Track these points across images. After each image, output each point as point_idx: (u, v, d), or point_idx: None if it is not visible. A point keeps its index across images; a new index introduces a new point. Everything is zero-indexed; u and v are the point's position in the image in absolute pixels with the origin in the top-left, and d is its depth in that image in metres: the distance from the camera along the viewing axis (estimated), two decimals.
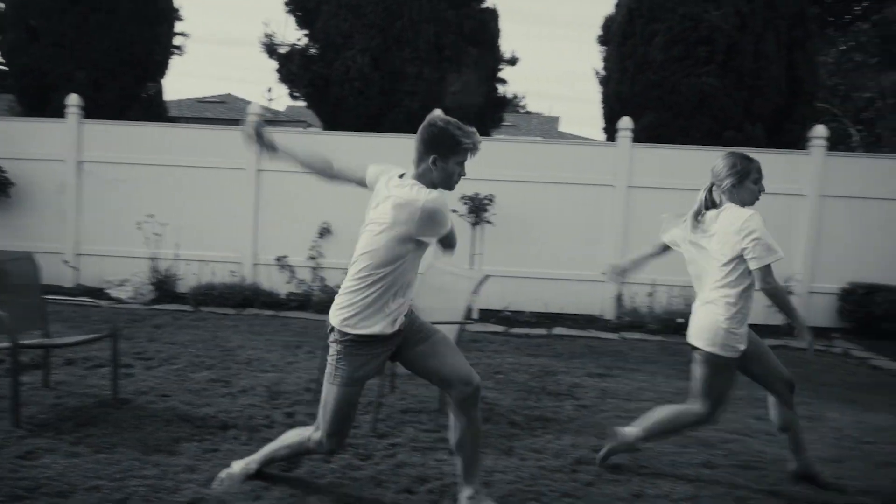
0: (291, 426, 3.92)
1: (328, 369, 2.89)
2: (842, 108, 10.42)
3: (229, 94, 20.65)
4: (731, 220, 3.26)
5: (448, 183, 2.86)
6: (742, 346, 3.26)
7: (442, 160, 2.79)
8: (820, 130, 7.81)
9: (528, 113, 41.17)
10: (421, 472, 3.42)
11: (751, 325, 3.38)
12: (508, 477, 3.43)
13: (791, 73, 8.28)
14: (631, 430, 3.50)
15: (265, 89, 48.21)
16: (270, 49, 9.01)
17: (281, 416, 4.14)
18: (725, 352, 3.23)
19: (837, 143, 10.71)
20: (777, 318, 7.67)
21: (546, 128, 26.91)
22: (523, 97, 48.08)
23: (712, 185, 3.41)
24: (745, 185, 3.33)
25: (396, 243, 2.74)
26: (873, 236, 7.93)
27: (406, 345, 2.96)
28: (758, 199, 3.42)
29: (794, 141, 8.39)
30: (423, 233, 2.73)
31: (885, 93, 9.54)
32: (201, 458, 3.43)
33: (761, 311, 7.96)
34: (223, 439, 3.73)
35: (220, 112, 18.14)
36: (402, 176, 2.88)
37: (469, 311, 4.31)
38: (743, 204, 3.34)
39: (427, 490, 3.22)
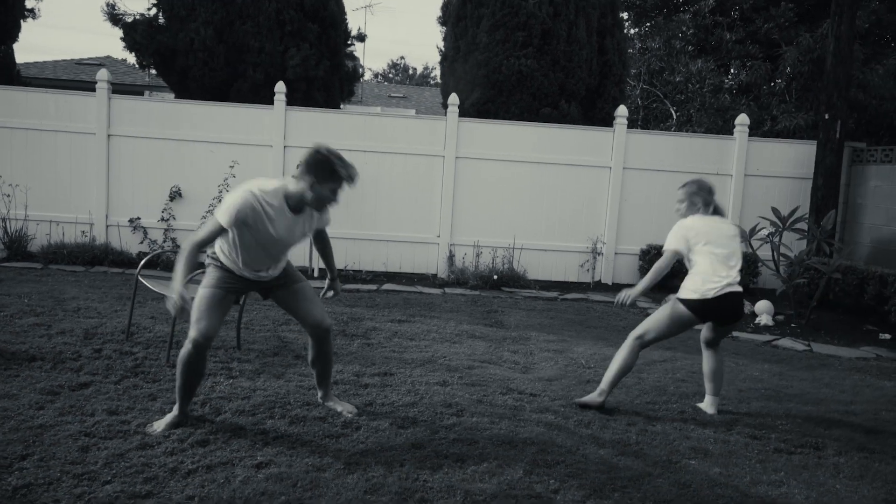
0: (98, 360, 4.60)
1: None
2: (664, 91, 11.64)
3: (108, 56, 20.27)
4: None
5: (319, 204, 3.45)
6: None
7: (318, 185, 3.36)
8: (622, 110, 8.90)
9: (436, 86, 41.95)
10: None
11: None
12: (268, 393, 4.21)
13: (602, 57, 9.33)
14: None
15: None
16: (114, 18, 9.29)
17: (89, 352, 4.76)
18: None
19: (660, 123, 11.99)
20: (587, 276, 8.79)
21: (437, 100, 27.60)
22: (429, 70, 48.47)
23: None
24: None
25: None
26: (665, 203, 9.14)
27: (272, 290, 3.78)
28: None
29: (606, 118, 9.47)
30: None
31: (693, 77, 10.79)
32: (1, 380, 4.05)
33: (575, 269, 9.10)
34: (27, 368, 4.33)
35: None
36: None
37: None
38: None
39: (193, 403, 3.96)
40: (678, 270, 8.63)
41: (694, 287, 4.18)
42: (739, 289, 4.21)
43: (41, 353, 4.63)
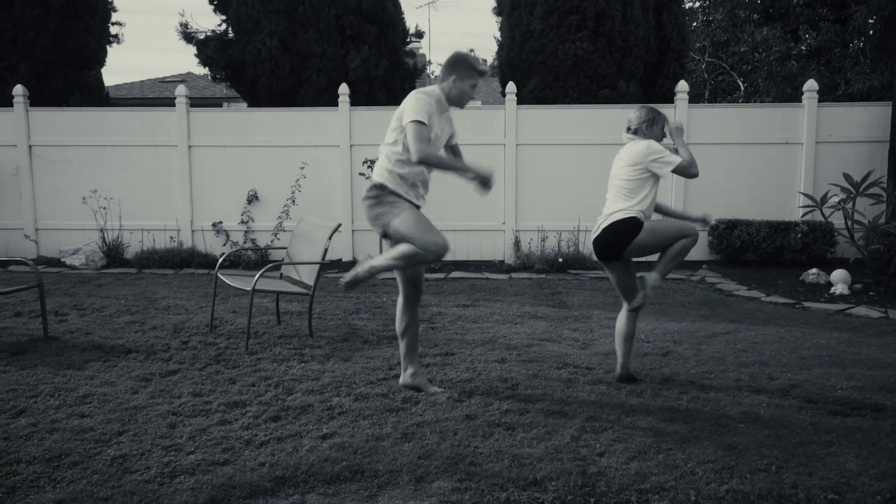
0: (185, 350, 5.04)
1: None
2: (730, 62, 11.35)
3: (189, 73, 21.38)
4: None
5: (461, 100, 3.87)
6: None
7: (460, 80, 3.81)
8: (682, 86, 8.81)
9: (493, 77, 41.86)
10: (270, 374, 4.51)
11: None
12: (335, 374, 4.52)
13: (660, 33, 9.25)
14: None
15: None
16: (188, 36, 9.92)
17: (177, 344, 5.22)
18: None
19: (727, 95, 11.69)
20: None
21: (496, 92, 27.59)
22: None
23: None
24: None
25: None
26: (733, 177, 9.00)
27: None
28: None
29: (666, 95, 9.38)
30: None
31: (759, 46, 10.46)
32: (102, 370, 4.53)
33: None
34: (124, 359, 4.81)
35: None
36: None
37: (325, 252, 5.36)
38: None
39: (267, 384, 4.32)
40: (749, 243, 8.47)
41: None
42: (609, 221, 4.16)
43: (136, 347, 5.12)
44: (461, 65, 3.84)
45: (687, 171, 4.14)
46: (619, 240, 4.14)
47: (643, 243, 4.14)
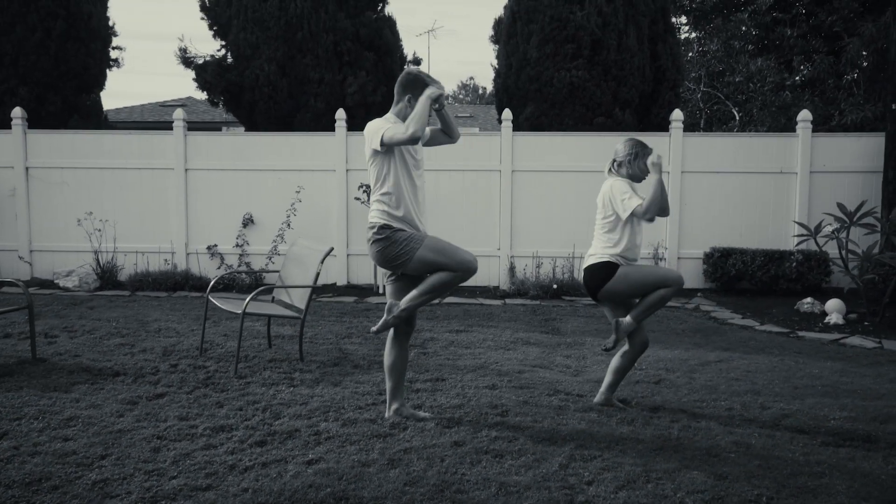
0: (174, 373, 5.00)
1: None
2: (725, 92, 11.45)
3: (190, 97, 21.53)
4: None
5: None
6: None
7: (415, 98, 3.76)
8: (677, 114, 8.87)
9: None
10: (258, 398, 4.47)
11: None
12: (324, 398, 4.48)
13: (655, 63, 9.34)
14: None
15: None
16: (187, 61, 10.01)
17: (166, 367, 5.17)
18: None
19: (722, 125, 11.78)
20: None
21: (492, 119, 27.79)
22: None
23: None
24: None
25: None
26: (728, 205, 9.02)
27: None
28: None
29: (662, 123, 9.45)
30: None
31: (753, 77, 10.57)
32: (88, 393, 4.49)
33: None
34: (111, 382, 4.77)
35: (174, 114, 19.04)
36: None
37: (317, 276, 5.34)
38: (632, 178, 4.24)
39: (255, 408, 4.27)
40: (744, 272, 8.46)
41: None
42: (588, 262, 4.29)
43: (124, 369, 5.07)
44: (414, 83, 3.81)
45: (643, 216, 4.11)
46: (592, 284, 4.25)
47: (615, 291, 4.19)
